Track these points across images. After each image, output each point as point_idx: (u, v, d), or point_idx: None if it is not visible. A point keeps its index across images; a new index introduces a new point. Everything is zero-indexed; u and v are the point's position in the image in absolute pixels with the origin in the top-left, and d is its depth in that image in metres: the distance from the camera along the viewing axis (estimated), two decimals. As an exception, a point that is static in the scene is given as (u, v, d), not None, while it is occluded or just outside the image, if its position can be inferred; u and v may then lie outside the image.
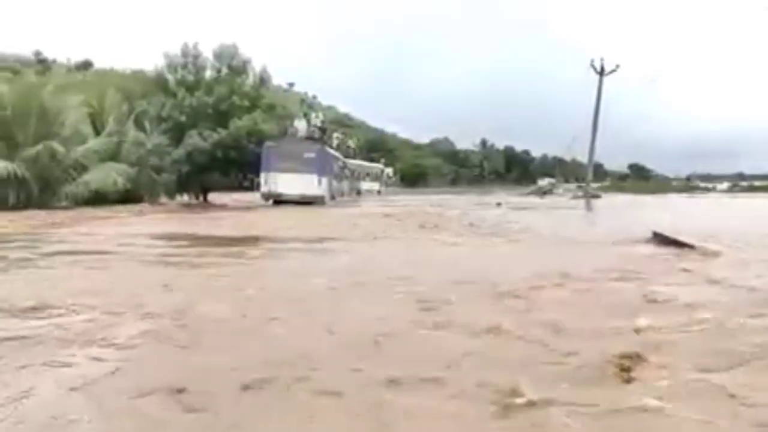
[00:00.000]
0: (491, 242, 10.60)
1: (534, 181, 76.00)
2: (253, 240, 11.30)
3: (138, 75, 43.43)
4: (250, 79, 28.79)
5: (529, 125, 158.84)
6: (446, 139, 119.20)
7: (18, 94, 21.17)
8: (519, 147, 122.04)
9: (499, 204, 24.65)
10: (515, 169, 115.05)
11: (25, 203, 19.37)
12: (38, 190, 20.16)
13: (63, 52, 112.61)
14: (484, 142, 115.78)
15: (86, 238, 11.54)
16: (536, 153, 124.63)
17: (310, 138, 27.04)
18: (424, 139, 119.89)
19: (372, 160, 56.94)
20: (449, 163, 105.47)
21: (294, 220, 16.70)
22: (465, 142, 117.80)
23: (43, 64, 75.85)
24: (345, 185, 33.48)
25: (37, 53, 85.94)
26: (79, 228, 13.98)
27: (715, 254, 7.75)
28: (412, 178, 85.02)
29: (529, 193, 45.78)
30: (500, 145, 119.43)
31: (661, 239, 9.18)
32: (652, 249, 8.70)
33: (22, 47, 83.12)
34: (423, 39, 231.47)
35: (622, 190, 52.16)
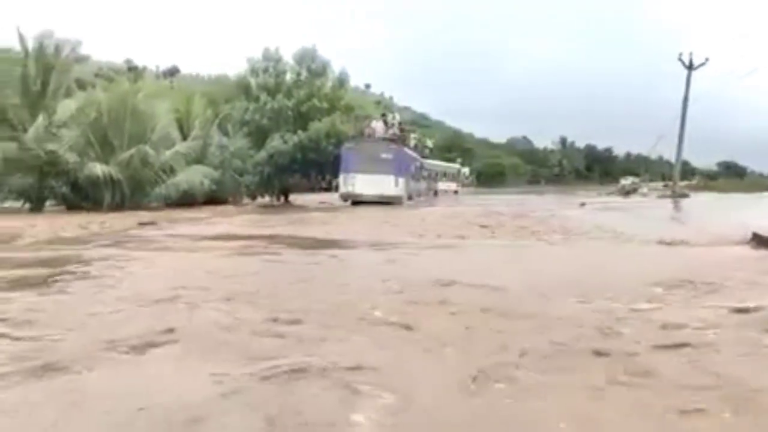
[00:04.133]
0: (588, 245, 10.32)
1: (617, 180, 73.61)
2: (333, 241, 11.45)
3: (221, 80, 44.92)
4: (329, 81, 29.26)
5: (612, 122, 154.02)
6: (524, 138, 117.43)
7: (113, 100, 22.31)
8: (601, 145, 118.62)
9: (583, 204, 24.03)
10: (597, 168, 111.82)
11: (119, 204, 20.45)
12: (131, 192, 21.21)
13: (152, 59, 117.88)
14: (563, 141, 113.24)
15: (182, 236, 12.05)
16: (619, 151, 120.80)
17: (387, 139, 27.17)
18: (501, 138, 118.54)
19: (448, 160, 56.68)
20: (527, 162, 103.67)
21: (372, 220, 16.82)
22: (543, 140, 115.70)
23: (134, 72, 79.61)
24: (422, 185, 33.47)
25: (129, 61, 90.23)
26: (173, 228, 14.64)
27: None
28: (489, 177, 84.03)
29: (611, 193, 44.42)
30: (580, 143, 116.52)
31: (761, 240, 8.66)
32: (759, 251, 8.24)
33: (114, 56, 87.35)
34: (498, 35, 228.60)
35: (711, 188, 49.81)
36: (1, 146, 18.38)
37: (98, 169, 19.90)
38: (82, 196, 20.66)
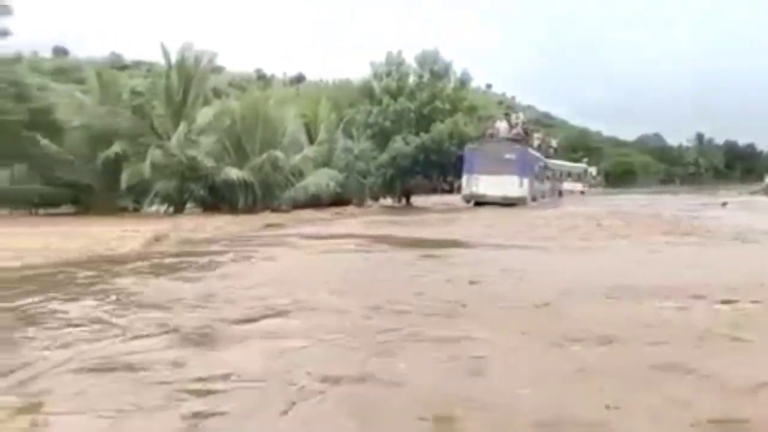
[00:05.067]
0: (744, 249, 9.61)
1: (760, 178, 67.90)
2: (458, 243, 11.38)
3: (345, 85, 46.04)
4: (451, 83, 29.18)
5: (754, 116, 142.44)
6: (656, 135, 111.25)
7: (246, 108, 23.57)
8: (742, 141, 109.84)
9: (724, 204, 22.41)
10: (738, 166, 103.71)
11: (251, 206, 21.53)
12: (262, 194, 22.24)
13: (279, 68, 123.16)
14: (699, 137, 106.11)
15: (306, 236, 12.48)
16: (763, 146, 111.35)
17: (511, 139, 26.71)
18: (630, 135, 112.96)
19: (574, 160, 54.81)
20: (659, 160, 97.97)
21: (495, 221, 16.57)
22: (677, 137, 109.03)
23: (263, 80, 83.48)
24: (546, 186, 32.57)
25: (258, 70, 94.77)
26: (299, 228, 15.22)
27: None
28: (618, 177, 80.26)
29: (755, 192, 41.07)
30: (719, 139, 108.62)
31: None
32: None
33: (246, 66, 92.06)
34: (621, 27, 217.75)
35: None
36: (149, 153, 19.83)
37: (233, 173, 21.05)
38: (219, 199, 21.93)
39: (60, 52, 76.93)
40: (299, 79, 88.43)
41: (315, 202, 23.72)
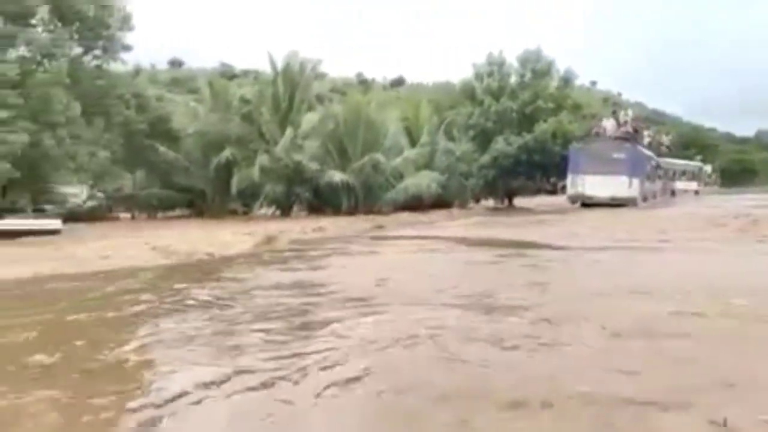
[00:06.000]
0: None
1: None
2: (563, 246, 11.06)
3: (445, 87, 45.98)
4: (554, 81, 28.45)
5: None
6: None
7: (348, 112, 24.08)
8: None
9: None
10: None
11: (353, 208, 21.96)
12: (364, 196, 22.61)
13: (379, 72, 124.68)
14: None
15: (407, 237, 12.57)
16: None
17: (619, 137, 25.65)
18: (748, 131, 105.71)
19: (687, 158, 51.95)
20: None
21: (603, 223, 15.97)
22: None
23: (364, 84, 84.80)
24: (657, 185, 31.03)
25: (359, 75, 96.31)
26: (399, 230, 15.34)
27: None
28: (735, 175, 75.22)
29: None
30: None
31: None
32: None
33: (346, 71, 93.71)
34: (732, 16, 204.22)
35: None
36: (258, 158, 20.63)
37: (336, 176, 21.57)
38: (323, 202, 22.51)
39: (175, 64, 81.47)
40: (399, 82, 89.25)
41: (416, 203, 23.84)
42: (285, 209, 22.82)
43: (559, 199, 27.21)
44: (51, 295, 6.82)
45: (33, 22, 17.98)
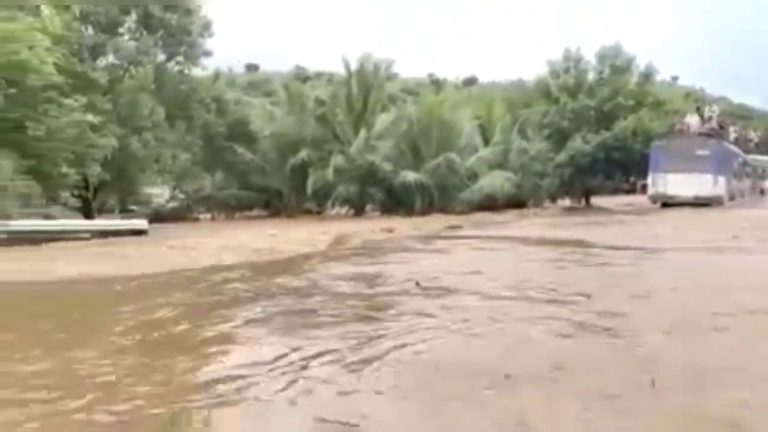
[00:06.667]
0: None
1: None
2: (649, 248, 10.64)
3: (518, 85, 45.29)
4: (634, 77, 27.53)
5: None
6: None
7: (421, 112, 24.12)
8: None
9: None
10: None
11: (427, 208, 21.96)
12: (438, 196, 22.56)
13: (451, 71, 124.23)
14: None
15: (483, 237, 12.47)
16: None
17: (703, 134, 24.56)
18: None
19: (777, 155, 49.24)
20: None
21: (688, 223, 15.34)
22: None
23: (436, 84, 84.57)
24: (745, 184, 29.57)
25: (431, 75, 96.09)
26: (475, 230, 15.23)
27: None
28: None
29: None
30: None
31: None
32: None
33: (418, 71, 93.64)
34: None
35: None
36: (332, 159, 20.95)
37: (410, 176, 21.63)
38: (396, 201, 22.59)
39: (251, 67, 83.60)
40: (471, 81, 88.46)
41: (490, 203, 23.63)
42: (358, 209, 23.06)
43: (639, 199, 26.32)
44: (165, 287, 7.69)
45: (121, 31, 18.91)
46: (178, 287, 7.51)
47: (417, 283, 6.79)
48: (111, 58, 18.97)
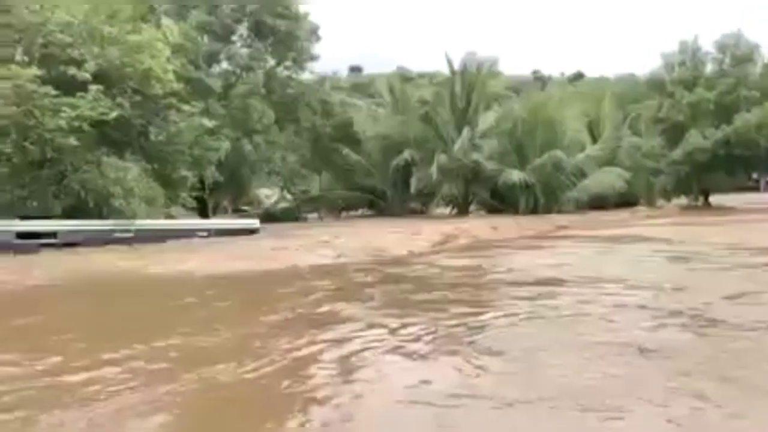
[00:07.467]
0: None
1: None
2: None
3: (627, 80, 43.51)
4: (758, 67, 25.74)
5: None
6: None
7: (526, 110, 23.64)
8: None
9: None
10: None
11: (533, 208, 21.48)
12: (543, 196, 22.01)
13: (556, 67, 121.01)
14: None
15: (593, 237, 12.06)
16: None
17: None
18: None
19: None
20: None
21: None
22: None
23: (540, 81, 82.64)
24: None
25: (535, 72, 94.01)
26: (586, 230, 14.77)
27: None
28: None
29: None
30: None
31: None
32: None
33: (522, 68, 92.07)
34: None
35: None
36: (435, 158, 20.93)
37: (514, 175, 21.21)
38: (501, 201, 22.24)
39: (355, 70, 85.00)
40: (578, 77, 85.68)
41: (599, 203, 22.89)
42: (462, 208, 22.90)
43: (764, 197, 24.61)
44: (322, 274, 8.65)
45: (234, 38, 19.80)
46: (329, 275, 8.52)
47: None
48: (225, 65, 19.91)
